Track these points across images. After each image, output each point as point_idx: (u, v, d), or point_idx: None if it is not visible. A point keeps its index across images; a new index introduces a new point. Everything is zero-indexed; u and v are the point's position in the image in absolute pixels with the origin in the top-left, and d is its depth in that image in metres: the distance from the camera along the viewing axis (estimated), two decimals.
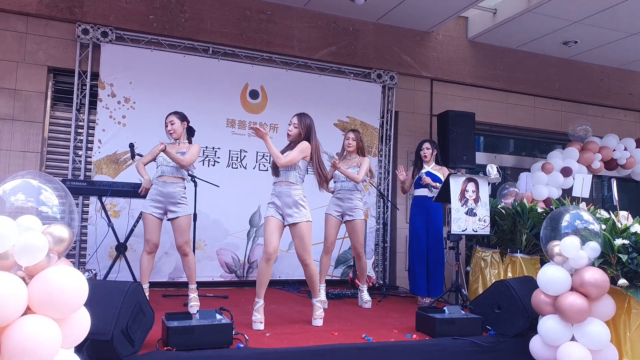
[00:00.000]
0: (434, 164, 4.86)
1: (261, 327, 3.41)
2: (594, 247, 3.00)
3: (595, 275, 2.94)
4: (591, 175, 5.42)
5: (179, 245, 3.92)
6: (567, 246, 2.99)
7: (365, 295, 4.53)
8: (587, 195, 4.78)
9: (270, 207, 3.55)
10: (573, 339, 2.98)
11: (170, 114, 4.10)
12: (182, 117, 4.10)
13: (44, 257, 1.91)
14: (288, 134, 3.62)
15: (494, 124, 6.88)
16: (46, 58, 4.93)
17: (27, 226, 1.91)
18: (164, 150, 3.86)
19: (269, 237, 3.48)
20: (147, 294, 3.83)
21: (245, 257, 5.44)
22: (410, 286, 4.87)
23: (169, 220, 3.95)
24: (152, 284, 4.82)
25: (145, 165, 4.09)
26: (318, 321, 3.60)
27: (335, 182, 4.51)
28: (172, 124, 4.03)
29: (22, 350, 1.77)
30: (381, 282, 5.88)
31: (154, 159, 4.03)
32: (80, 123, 5.05)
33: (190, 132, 4.20)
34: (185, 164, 3.90)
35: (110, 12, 5.07)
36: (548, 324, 3.02)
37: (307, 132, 3.59)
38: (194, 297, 3.97)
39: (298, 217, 3.47)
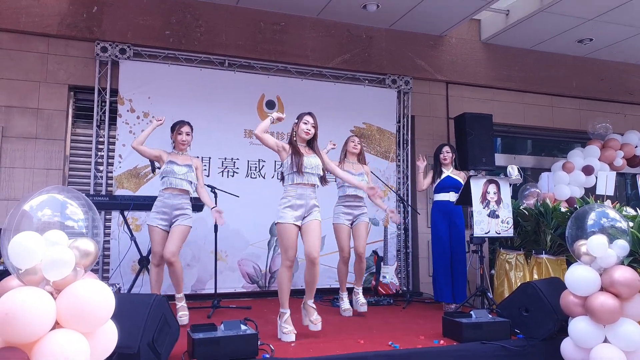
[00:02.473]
0: (452, 168, 4.82)
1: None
2: (622, 245, 2.93)
3: (626, 274, 2.87)
4: (614, 173, 5.30)
5: (168, 253, 3.77)
6: (595, 245, 2.92)
7: (361, 298, 4.41)
8: (611, 193, 4.69)
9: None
10: (606, 340, 2.90)
11: (185, 123, 4.06)
12: (192, 128, 4.10)
13: (71, 271, 1.93)
14: (307, 133, 3.54)
15: (511, 124, 6.79)
16: (67, 77, 5.04)
17: (54, 241, 1.93)
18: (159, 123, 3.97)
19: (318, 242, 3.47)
20: None
21: (266, 267, 5.44)
22: (434, 293, 4.77)
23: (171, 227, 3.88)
24: (174, 297, 4.86)
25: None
26: (318, 325, 3.46)
27: (342, 187, 4.44)
28: (187, 135, 4.03)
29: None
30: (405, 288, 5.81)
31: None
32: (101, 139, 5.14)
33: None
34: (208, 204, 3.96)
35: (127, 30, 5.17)
36: (579, 326, 2.94)
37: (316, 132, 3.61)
38: (181, 306, 3.91)
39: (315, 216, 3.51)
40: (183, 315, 3.82)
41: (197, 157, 4.09)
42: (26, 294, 1.83)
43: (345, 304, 4.37)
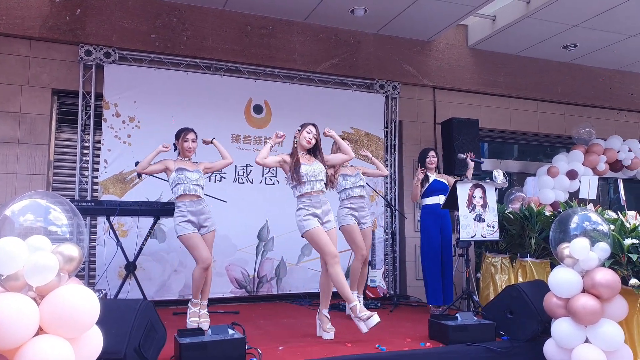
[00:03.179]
0: (436, 172, 4.85)
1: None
2: (603, 248, 2.98)
3: (607, 276, 2.92)
4: (597, 177, 5.40)
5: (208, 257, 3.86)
6: (577, 248, 2.97)
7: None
8: (594, 197, 4.77)
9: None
10: (587, 341, 2.95)
11: (190, 130, 4.02)
12: (196, 136, 4.10)
13: (55, 276, 1.91)
14: (308, 142, 3.60)
15: (498, 129, 6.88)
16: (50, 80, 4.98)
17: (37, 246, 1.91)
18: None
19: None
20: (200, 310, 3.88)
21: (254, 272, 5.42)
22: (427, 297, 4.77)
23: (202, 235, 3.90)
24: (162, 303, 4.84)
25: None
26: (331, 334, 3.53)
27: (343, 190, 4.46)
28: (193, 142, 3.99)
29: None
30: (392, 292, 5.84)
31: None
32: (86, 144, 5.09)
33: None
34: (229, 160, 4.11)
35: (112, 33, 5.14)
36: (561, 327, 2.99)
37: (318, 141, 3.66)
38: (204, 313, 3.94)
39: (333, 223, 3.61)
40: (205, 322, 3.82)
41: (196, 162, 4.08)
42: (8, 300, 1.82)
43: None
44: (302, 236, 3.53)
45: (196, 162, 4.07)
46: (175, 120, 5.15)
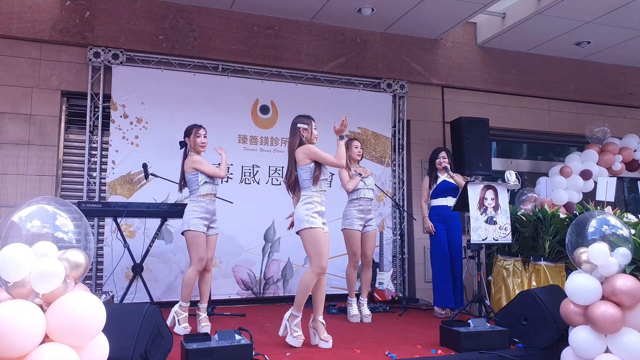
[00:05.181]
0: (446, 173, 4.78)
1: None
2: (624, 253, 2.88)
3: (628, 283, 2.81)
4: (615, 179, 5.26)
5: (208, 260, 3.84)
6: (596, 253, 2.86)
7: (365, 310, 4.40)
8: (612, 199, 4.65)
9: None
10: (607, 350, 2.84)
11: (200, 126, 4.00)
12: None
13: (61, 283, 1.88)
14: (316, 138, 3.54)
15: (508, 128, 6.78)
16: (59, 82, 4.99)
17: (43, 253, 1.88)
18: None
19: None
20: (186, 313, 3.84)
21: (261, 274, 5.38)
22: (435, 299, 4.71)
23: (207, 236, 3.87)
24: (168, 304, 4.80)
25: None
26: (330, 343, 3.37)
27: (356, 190, 4.38)
28: (205, 137, 3.99)
29: None
30: (400, 294, 5.77)
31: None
32: (94, 145, 5.08)
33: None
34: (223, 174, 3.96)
35: (120, 35, 5.12)
36: (580, 336, 2.88)
37: None
38: (204, 317, 3.89)
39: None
40: (206, 326, 3.79)
41: None
42: (15, 307, 1.79)
43: (354, 309, 4.37)
44: (297, 233, 3.40)
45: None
46: (182, 121, 5.11)
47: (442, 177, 4.76)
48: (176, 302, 4.93)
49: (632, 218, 3.53)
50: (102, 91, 5.05)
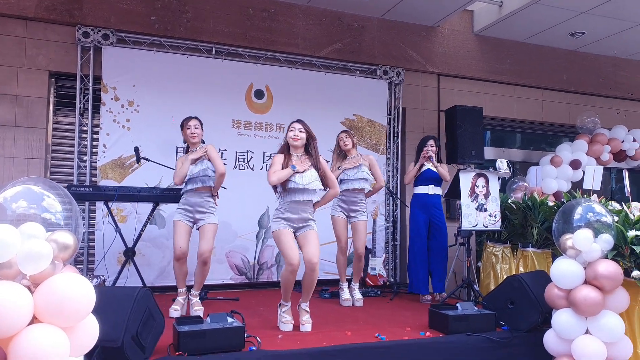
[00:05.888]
0: (431, 162, 4.78)
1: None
2: (607, 240, 2.95)
3: (609, 268, 2.90)
4: (602, 167, 5.34)
5: (201, 252, 3.80)
6: (580, 239, 2.94)
7: (357, 293, 4.47)
8: (598, 188, 4.72)
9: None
10: (587, 332, 2.94)
11: (192, 117, 3.99)
12: (201, 123, 4.03)
13: (49, 264, 1.87)
14: (296, 139, 3.49)
15: (502, 118, 6.79)
16: (47, 62, 4.89)
17: (31, 234, 1.87)
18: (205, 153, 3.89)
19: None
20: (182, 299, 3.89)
21: (255, 259, 5.40)
22: (410, 285, 4.78)
23: (197, 229, 3.89)
24: (162, 289, 4.83)
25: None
26: (307, 326, 3.44)
27: (340, 182, 4.42)
28: (196, 128, 3.95)
29: None
30: (392, 279, 5.82)
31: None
32: (84, 128, 5.03)
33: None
34: (223, 170, 3.86)
35: (110, 14, 5.03)
36: (562, 318, 2.98)
37: (310, 137, 3.55)
38: (196, 301, 3.91)
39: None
40: (199, 310, 3.82)
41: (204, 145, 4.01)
42: (1, 288, 1.78)
43: (345, 294, 4.44)
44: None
45: (197, 150, 3.96)
46: (175, 105, 5.09)
47: (427, 165, 4.77)
48: (169, 286, 4.99)
49: (616, 206, 3.57)
50: (92, 73, 4.96)
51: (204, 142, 4.05)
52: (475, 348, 3.18)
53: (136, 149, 4.52)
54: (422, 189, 4.73)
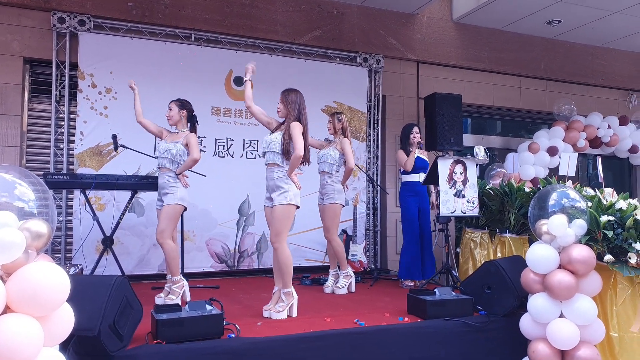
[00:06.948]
0: (418, 149, 4.83)
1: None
2: (580, 225, 3.02)
3: (582, 252, 2.96)
4: (577, 154, 5.46)
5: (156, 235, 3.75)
6: (555, 224, 3.00)
7: (340, 281, 4.43)
8: (573, 174, 4.82)
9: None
10: (562, 315, 3.01)
11: (172, 101, 3.99)
12: (182, 105, 3.96)
13: (22, 253, 1.84)
14: (278, 112, 3.60)
15: (480, 105, 6.87)
16: (21, 48, 4.77)
17: (2, 222, 1.83)
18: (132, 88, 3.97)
19: None
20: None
21: (235, 247, 5.40)
22: (403, 271, 4.81)
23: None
24: (141, 277, 4.80)
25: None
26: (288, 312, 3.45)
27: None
28: (169, 110, 3.93)
29: (3, 350, 1.72)
30: (372, 266, 5.89)
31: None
32: (61, 115, 4.93)
33: (191, 120, 4.02)
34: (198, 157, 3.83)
35: (86, 0, 4.91)
36: (537, 302, 3.04)
37: (296, 109, 3.51)
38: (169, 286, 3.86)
39: (276, 200, 3.41)
40: (168, 300, 3.72)
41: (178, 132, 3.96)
42: None
43: (328, 281, 4.53)
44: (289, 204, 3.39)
45: (187, 134, 3.89)
46: (153, 92, 5.01)
47: (417, 153, 4.81)
48: (149, 274, 4.97)
49: (590, 192, 3.66)
50: (68, 59, 4.86)
51: (191, 123, 4.00)
52: (452, 333, 3.23)
53: (114, 137, 4.46)
54: (413, 177, 4.75)
